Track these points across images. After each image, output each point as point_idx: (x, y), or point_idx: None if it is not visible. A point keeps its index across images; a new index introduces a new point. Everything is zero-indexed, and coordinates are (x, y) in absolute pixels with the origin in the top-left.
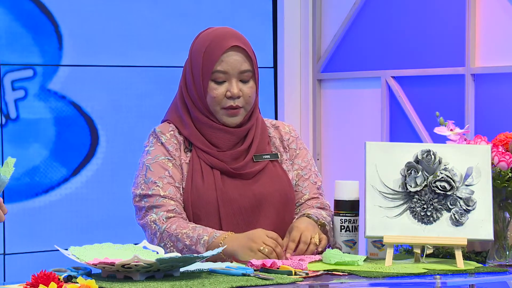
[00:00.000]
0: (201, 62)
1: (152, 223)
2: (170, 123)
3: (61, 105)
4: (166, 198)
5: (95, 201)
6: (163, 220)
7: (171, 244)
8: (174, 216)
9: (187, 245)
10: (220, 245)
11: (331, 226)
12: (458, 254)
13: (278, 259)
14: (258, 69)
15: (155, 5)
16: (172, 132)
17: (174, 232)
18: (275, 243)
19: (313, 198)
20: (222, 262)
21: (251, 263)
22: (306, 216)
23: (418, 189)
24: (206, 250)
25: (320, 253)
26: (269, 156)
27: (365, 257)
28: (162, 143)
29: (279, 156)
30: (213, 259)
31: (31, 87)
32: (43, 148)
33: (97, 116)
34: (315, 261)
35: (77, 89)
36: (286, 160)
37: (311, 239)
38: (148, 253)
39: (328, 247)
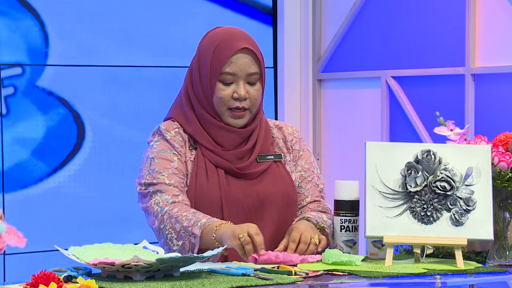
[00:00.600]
0: (210, 62)
1: (156, 205)
2: (174, 121)
3: (49, 101)
4: (171, 186)
5: (80, 195)
6: (167, 202)
7: (170, 225)
8: (178, 202)
9: (184, 226)
10: (215, 228)
11: (331, 229)
12: (458, 254)
13: (246, 254)
14: (265, 72)
15: (148, 4)
16: (176, 130)
17: (175, 214)
18: (257, 233)
19: (315, 201)
20: (222, 262)
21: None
22: (305, 219)
23: (418, 189)
24: (201, 233)
25: (321, 253)
26: (272, 157)
27: (363, 257)
28: (167, 140)
29: (282, 157)
30: (206, 246)
31: (20, 84)
32: (32, 143)
33: (84, 112)
34: (316, 262)
35: (64, 85)
36: (289, 161)
37: (311, 239)
38: (148, 253)
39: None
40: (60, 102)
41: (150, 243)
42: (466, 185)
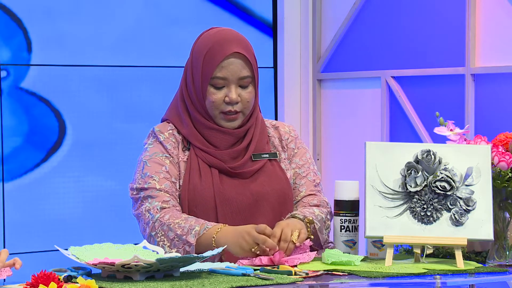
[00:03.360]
0: (201, 66)
1: (146, 212)
2: (169, 123)
3: (32, 101)
4: (161, 191)
5: (62, 183)
6: (157, 209)
7: (162, 233)
8: (168, 207)
9: (178, 234)
10: (213, 239)
11: (325, 223)
12: (458, 254)
13: (270, 250)
14: (258, 73)
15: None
16: (170, 131)
17: (166, 221)
18: (264, 239)
19: (310, 195)
20: (220, 262)
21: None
22: (291, 217)
23: (418, 189)
24: (197, 241)
25: (313, 250)
26: (267, 155)
27: (362, 257)
28: (160, 142)
29: (277, 155)
30: (206, 248)
31: (5, 86)
32: (18, 137)
33: (64, 110)
34: (313, 261)
35: (46, 86)
36: (284, 159)
37: (291, 235)
38: (148, 253)
39: (328, 247)
40: (43, 102)
41: None
42: (466, 185)
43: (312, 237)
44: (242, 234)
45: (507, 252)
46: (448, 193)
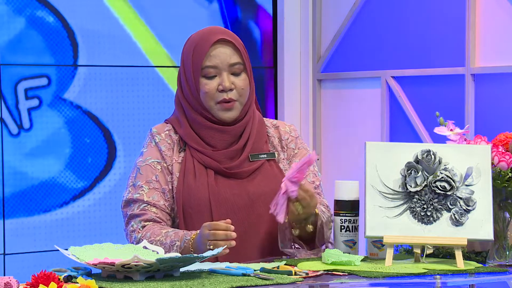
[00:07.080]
0: (191, 61)
1: (132, 233)
2: (167, 123)
3: (77, 115)
4: (149, 204)
5: (109, 218)
6: (139, 229)
7: None
8: (150, 224)
9: None
10: (191, 251)
11: (328, 220)
12: (458, 254)
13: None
14: (249, 62)
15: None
16: (167, 132)
17: (148, 240)
18: (215, 233)
19: None
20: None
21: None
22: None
23: (418, 189)
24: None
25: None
26: (265, 156)
27: (362, 257)
28: (156, 143)
29: (276, 155)
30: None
31: (45, 96)
32: (57, 160)
33: (114, 128)
34: (313, 260)
35: (93, 99)
36: (283, 159)
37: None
38: (148, 253)
39: (327, 247)
40: (89, 117)
41: None
42: (466, 185)
43: (311, 226)
44: (200, 239)
45: (507, 252)
46: (448, 193)
